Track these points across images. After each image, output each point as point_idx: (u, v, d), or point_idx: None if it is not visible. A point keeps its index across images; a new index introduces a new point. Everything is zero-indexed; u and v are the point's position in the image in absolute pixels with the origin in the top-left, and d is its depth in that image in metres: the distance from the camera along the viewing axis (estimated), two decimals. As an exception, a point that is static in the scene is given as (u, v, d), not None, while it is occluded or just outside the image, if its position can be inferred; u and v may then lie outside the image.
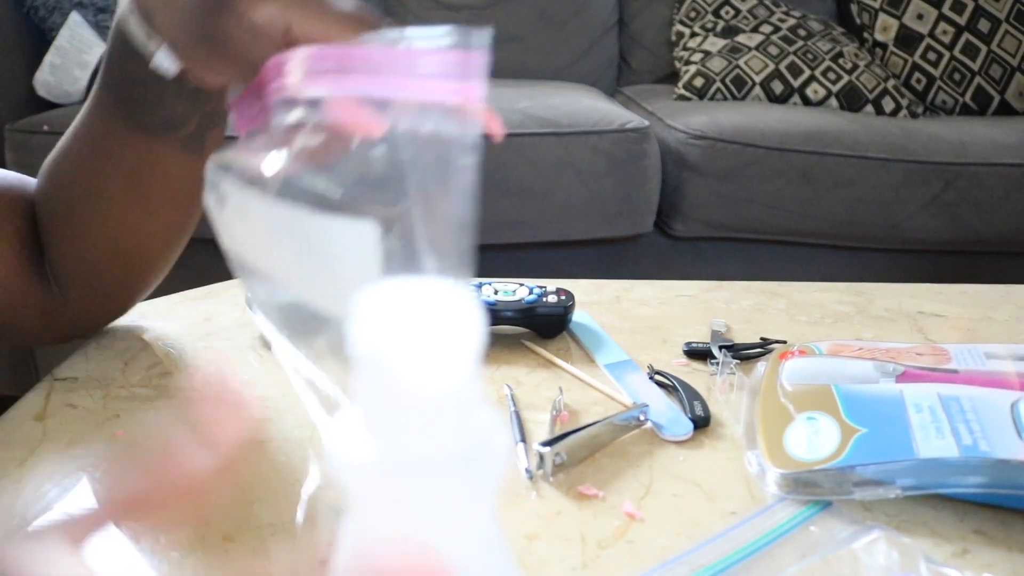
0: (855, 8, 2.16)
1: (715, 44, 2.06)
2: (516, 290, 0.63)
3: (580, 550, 0.40)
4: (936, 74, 2.07)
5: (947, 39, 2.07)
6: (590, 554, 0.40)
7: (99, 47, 1.68)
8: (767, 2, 2.14)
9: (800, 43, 2.02)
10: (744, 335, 0.65)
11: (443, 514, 0.25)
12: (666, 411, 0.52)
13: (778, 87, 1.97)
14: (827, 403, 0.48)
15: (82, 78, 1.68)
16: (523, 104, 1.67)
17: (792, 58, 1.99)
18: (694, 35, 2.13)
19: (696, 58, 2.05)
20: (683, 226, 1.73)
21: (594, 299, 0.72)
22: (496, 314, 0.61)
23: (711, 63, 2.02)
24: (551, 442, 0.46)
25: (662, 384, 0.57)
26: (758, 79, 1.98)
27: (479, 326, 0.23)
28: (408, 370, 0.23)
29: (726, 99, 1.98)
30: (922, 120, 1.95)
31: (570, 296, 0.64)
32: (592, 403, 0.54)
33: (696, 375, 0.58)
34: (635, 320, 0.68)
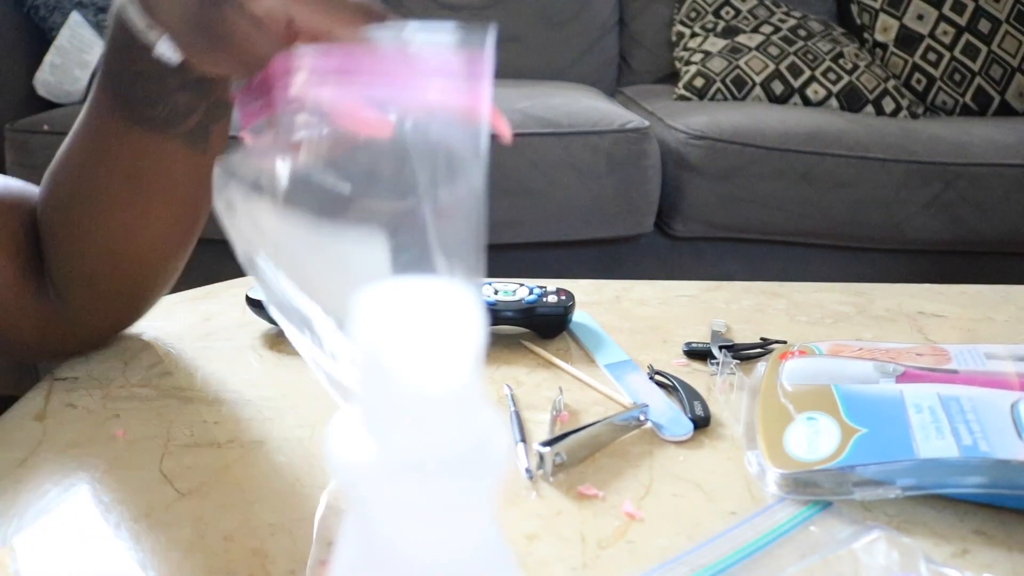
0: (855, 8, 2.16)
1: (715, 44, 2.06)
2: (516, 290, 0.63)
3: (580, 550, 0.40)
4: (936, 74, 2.07)
5: (947, 39, 2.07)
6: (590, 554, 0.40)
7: (99, 47, 1.68)
8: (767, 2, 2.14)
9: (800, 43, 2.02)
10: (744, 335, 0.65)
11: (444, 514, 0.25)
12: (666, 411, 0.52)
13: (778, 87, 1.97)
14: (827, 403, 0.48)
15: (82, 78, 1.68)
16: (523, 104, 1.67)
17: (792, 58, 1.99)
18: (694, 35, 2.13)
19: (696, 58, 2.05)
20: (683, 226, 1.73)
21: (594, 299, 0.72)
22: (496, 314, 0.61)
23: (711, 63, 2.02)
24: (551, 442, 0.46)
25: (662, 384, 0.57)
26: (758, 79, 1.98)
27: (481, 326, 0.24)
28: (409, 369, 0.23)
29: (726, 99, 1.98)
30: (922, 120, 1.95)
31: (570, 296, 0.64)
32: (592, 403, 0.54)
33: (696, 375, 0.58)
34: (635, 320, 0.68)
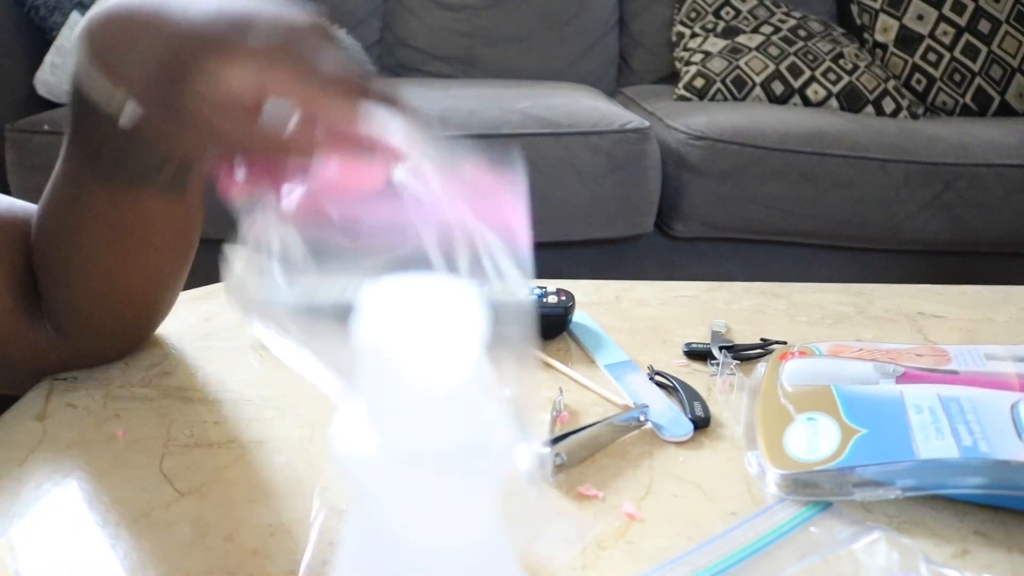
0: (855, 9, 2.16)
1: (715, 45, 2.06)
2: (516, 290, 0.63)
3: (580, 550, 0.40)
4: (936, 75, 2.07)
5: (947, 40, 2.07)
6: (590, 554, 0.40)
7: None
8: (767, 3, 2.14)
9: (800, 44, 2.02)
10: (744, 336, 0.65)
11: (446, 506, 0.25)
12: (666, 412, 0.52)
13: (778, 88, 1.97)
14: (827, 404, 0.48)
15: (82, 78, 1.68)
16: (523, 104, 1.67)
17: (792, 59, 1.99)
18: (694, 36, 2.13)
19: (696, 59, 2.05)
20: (683, 226, 1.73)
21: (594, 299, 0.72)
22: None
23: (711, 64, 2.02)
24: (551, 442, 0.46)
25: (662, 385, 0.57)
26: (758, 80, 1.98)
27: (483, 322, 0.24)
28: (412, 364, 0.23)
29: (726, 100, 1.98)
30: (922, 121, 1.95)
31: (570, 296, 0.64)
32: (592, 403, 0.54)
33: (696, 376, 0.58)
34: (635, 320, 0.68)
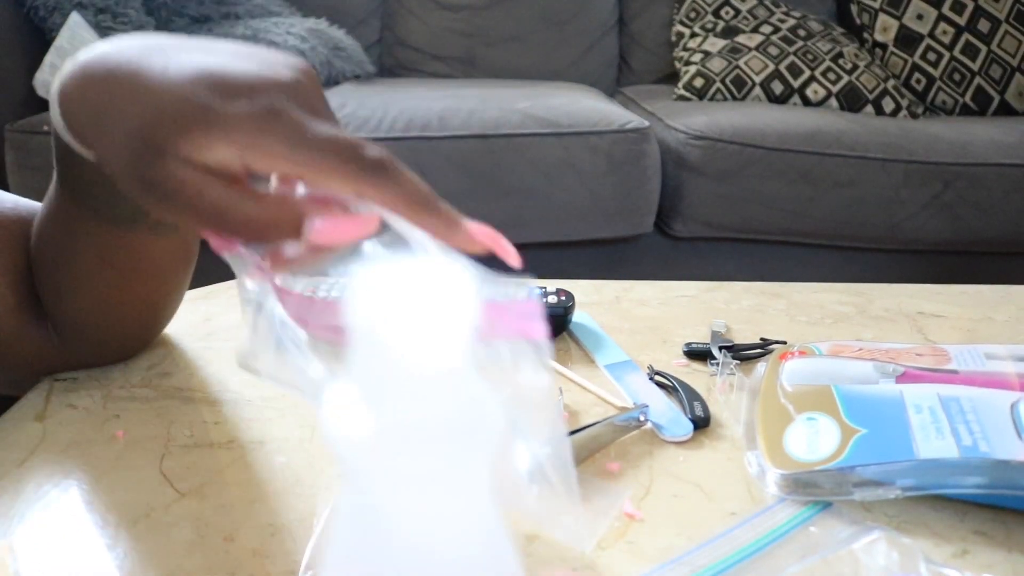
0: (855, 8, 2.16)
1: (715, 44, 2.06)
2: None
3: (580, 550, 0.40)
4: (936, 74, 2.07)
5: (947, 39, 2.07)
6: (590, 554, 0.40)
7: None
8: (767, 2, 2.14)
9: (800, 43, 2.02)
10: (744, 335, 0.65)
11: (437, 485, 0.25)
12: (666, 412, 0.52)
13: (778, 87, 1.97)
14: (827, 404, 0.48)
15: (82, 78, 1.67)
16: (523, 104, 1.67)
17: (792, 58, 1.99)
18: (694, 35, 2.13)
19: (696, 58, 2.05)
20: (683, 226, 1.73)
21: (594, 299, 0.72)
22: (496, 314, 0.61)
23: (711, 63, 2.02)
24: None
25: (662, 385, 0.57)
26: (758, 79, 1.98)
27: (474, 303, 0.24)
28: (403, 345, 0.23)
29: (726, 99, 1.98)
30: (922, 120, 1.95)
31: (570, 296, 0.64)
32: (592, 403, 0.54)
33: (696, 375, 0.58)
34: (635, 320, 0.68)
